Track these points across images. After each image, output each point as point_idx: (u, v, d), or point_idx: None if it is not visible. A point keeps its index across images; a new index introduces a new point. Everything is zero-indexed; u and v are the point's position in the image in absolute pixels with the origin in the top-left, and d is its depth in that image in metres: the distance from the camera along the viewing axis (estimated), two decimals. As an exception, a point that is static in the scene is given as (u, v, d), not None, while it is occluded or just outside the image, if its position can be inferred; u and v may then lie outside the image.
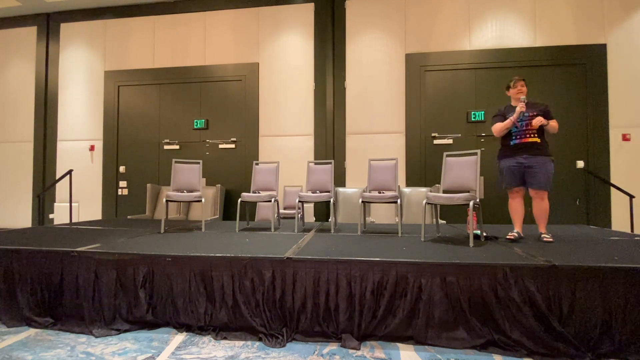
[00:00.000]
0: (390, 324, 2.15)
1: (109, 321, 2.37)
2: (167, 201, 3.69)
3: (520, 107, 2.98)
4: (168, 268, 2.40)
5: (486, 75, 5.25)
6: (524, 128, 3.00)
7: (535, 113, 2.98)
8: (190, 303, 2.34)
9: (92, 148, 6.20)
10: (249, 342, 2.18)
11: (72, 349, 2.11)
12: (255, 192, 3.92)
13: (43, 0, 6.05)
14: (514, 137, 3.05)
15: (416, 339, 2.13)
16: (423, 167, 5.31)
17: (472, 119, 5.22)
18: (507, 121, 3.03)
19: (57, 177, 5.82)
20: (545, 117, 2.99)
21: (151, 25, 6.12)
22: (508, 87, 3.17)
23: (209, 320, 2.31)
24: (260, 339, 2.19)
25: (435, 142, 5.32)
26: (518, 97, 3.06)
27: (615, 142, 4.99)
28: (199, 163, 3.90)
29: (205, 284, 2.35)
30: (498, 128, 3.12)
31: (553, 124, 2.97)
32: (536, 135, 2.97)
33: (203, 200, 3.73)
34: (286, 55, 5.71)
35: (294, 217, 4.82)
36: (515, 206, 3.13)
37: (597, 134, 5.01)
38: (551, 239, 2.92)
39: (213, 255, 2.36)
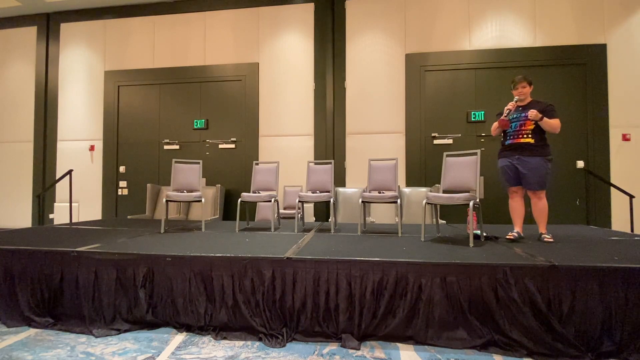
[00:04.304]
0: (390, 324, 2.15)
1: (109, 321, 2.37)
2: (167, 201, 3.69)
3: (508, 106, 3.02)
4: (168, 268, 2.40)
5: (486, 75, 5.25)
6: (518, 128, 3.01)
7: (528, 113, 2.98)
8: (190, 303, 2.34)
9: (92, 148, 6.20)
10: (249, 342, 2.18)
11: (72, 349, 2.11)
12: (255, 192, 3.92)
13: (43, 0, 6.05)
14: (508, 138, 3.09)
15: (416, 339, 2.13)
16: (423, 167, 5.31)
17: (472, 119, 5.22)
18: (499, 120, 3.07)
19: (57, 177, 5.82)
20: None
21: (151, 25, 6.12)
22: (512, 87, 3.15)
23: (209, 320, 2.31)
24: (260, 339, 2.19)
25: (435, 142, 5.32)
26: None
27: (615, 142, 4.99)
28: (199, 163, 3.90)
29: (205, 284, 2.35)
30: (492, 127, 3.21)
31: (552, 122, 2.92)
32: (530, 136, 2.97)
33: (203, 200, 3.73)
34: (286, 55, 5.71)
35: (294, 217, 4.82)
36: (515, 206, 3.14)
37: (597, 134, 5.01)
38: (551, 239, 2.92)
39: (213, 255, 2.36)
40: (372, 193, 3.56)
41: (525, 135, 2.98)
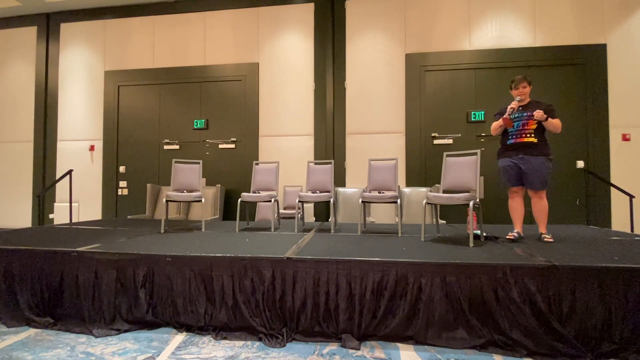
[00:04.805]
0: (390, 324, 2.15)
1: (109, 321, 2.37)
2: (167, 201, 3.69)
3: (511, 105, 3.00)
4: (168, 268, 2.40)
5: (486, 75, 5.25)
6: (521, 128, 3.00)
7: (532, 113, 2.97)
8: (190, 303, 2.34)
9: (92, 148, 6.20)
10: (249, 342, 2.18)
11: (72, 349, 2.11)
12: (255, 192, 3.92)
13: (43, 0, 6.05)
14: (510, 137, 3.07)
15: (416, 339, 2.13)
16: (423, 167, 5.31)
17: (472, 119, 5.22)
18: (500, 119, 3.05)
19: (57, 177, 5.82)
20: None
21: (151, 25, 6.12)
22: (511, 86, 3.13)
23: (209, 320, 2.31)
24: (260, 339, 2.19)
25: (435, 142, 5.32)
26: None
27: (615, 142, 4.99)
28: (199, 163, 3.90)
29: (205, 284, 2.35)
30: (493, 127, 3.17)
31: (555, 122, 2.93)
32: (533, 135, 2.97)
33: (203, 200, 3.73)
34: (286, 55, 5.71)
35: (294, 217, 4.82)
36: (515, 206, 3.13)
37: (597, 134, 5.01)
38: (551, 239, 2.92)
39: (213, 255, 2.36)
40: (372, 193, 3.56)
41: (528, 135, 2.98)
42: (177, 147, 5.96)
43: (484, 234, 3.03)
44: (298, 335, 2.21)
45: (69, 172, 5.43)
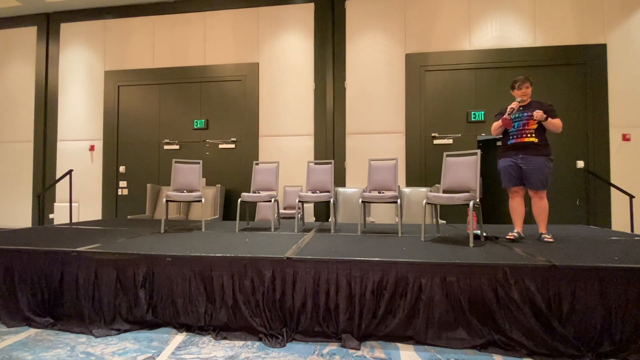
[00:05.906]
0: (390, 324, 2.15)
1: (109, 321, 2.37)
2: (167, 201, 3.69)
3: (511, 105, 3.00)
4: (168, 268, 2.40)
5: (486, 75, 5.25)
6: (521, 128, 3.00)
7: (532, 113, 2.97)
8: (190, 303, 2.34)
9: (92, 148, 6.20)
10: (249, 342, 2.18)
11: (72, 349, 2.11)
12: (255, 192, 3.92)
13: (43, 0, 6.05)
14: (511, 137, 3.07)
15: (416, 339, 2.13)
16: (423, 167, 5.31)
17: (472, 119, 5.22)
18: (500, 119, 3.05)
19: (57, 177, 5.82)
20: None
21: (151, 25, 6.12)
22: (513, 87, 3.13)
23: (209, 320, 2.31)
24: (260, 339, 2.19)
25: (435, 142, 5.32)
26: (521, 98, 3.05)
27: (615, 142, 4.99)
28: (199, 163, 3.90)
29: (205, 284, 2.35)
30: (493, 127, 3.18)
31: (555, 122, 2.93)
32: (534, 135, 2.97)
33: (203, 200, 3.73)
34: (286, 55, 5.71)
35: (294, 217, 4.82)
36: (515, 206, 3.13)
37: (597, 134, 5.01)
38: (551, 239, 2.92)
39: (213, 255, 2.36)
40: (372, 193, 3.56)
41: (529, 135, 2.98)
42: (177, 147, 5.96)
43: (484, 234, 3.03)
44: (298, 335, 2.21)
45: (69, 172, 5.43)
